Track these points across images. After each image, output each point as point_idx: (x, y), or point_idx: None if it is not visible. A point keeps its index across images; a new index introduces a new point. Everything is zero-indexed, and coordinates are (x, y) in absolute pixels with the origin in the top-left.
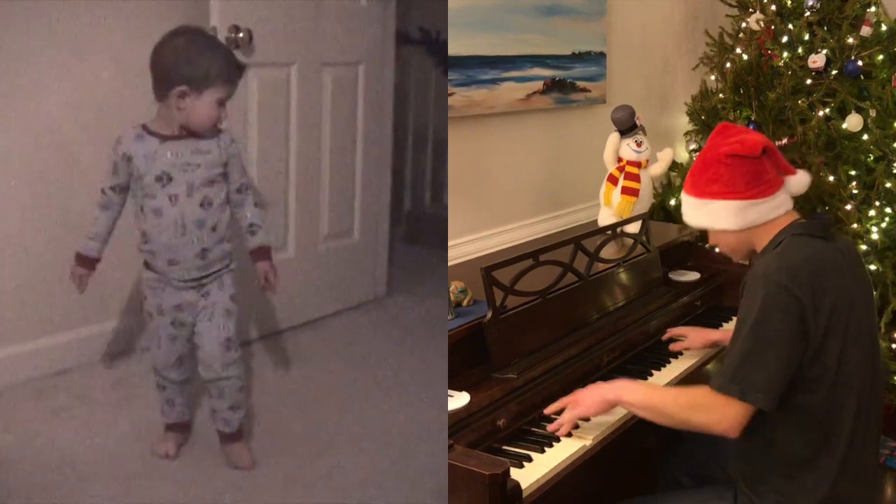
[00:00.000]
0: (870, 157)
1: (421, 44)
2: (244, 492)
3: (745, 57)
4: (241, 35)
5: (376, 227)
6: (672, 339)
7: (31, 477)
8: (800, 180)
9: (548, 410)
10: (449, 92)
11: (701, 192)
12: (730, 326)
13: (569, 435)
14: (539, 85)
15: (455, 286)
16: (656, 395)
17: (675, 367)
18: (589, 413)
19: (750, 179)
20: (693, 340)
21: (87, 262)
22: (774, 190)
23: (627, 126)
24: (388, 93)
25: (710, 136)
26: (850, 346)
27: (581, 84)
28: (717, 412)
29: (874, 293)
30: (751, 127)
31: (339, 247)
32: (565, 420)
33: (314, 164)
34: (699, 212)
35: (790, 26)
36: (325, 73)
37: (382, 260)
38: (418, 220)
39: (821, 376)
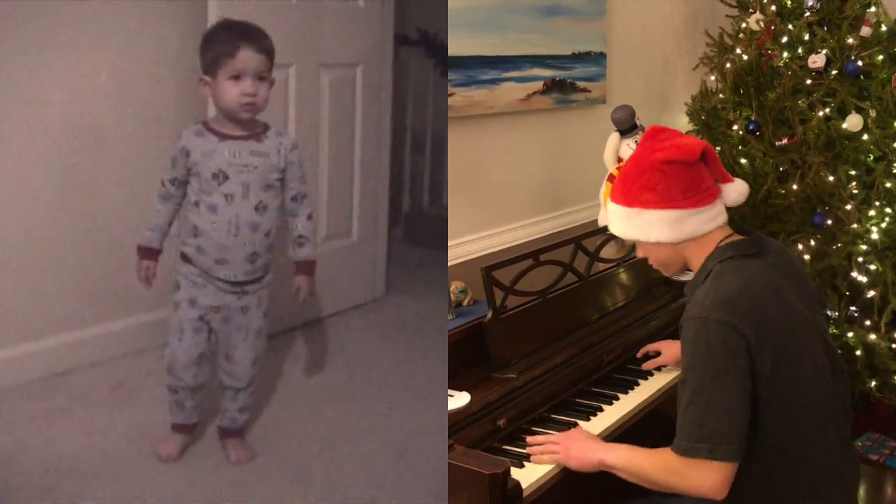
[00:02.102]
0: (870, 157)
1: (419, 45)
2: (244, 492)
3: (745, 57)
4: None
5: (375, 229)
6: (647, 357)
7: (30, 478)
8: (737, 189)
9: (531, 443)
10: (449, 92)
11: (632, 201)
12: None
13: None
14: (539, 85)
15: (455, 286)
16: (636, 458)
17: (675, 368)
18: (569, 466)
19: (687, 188)
20: (667, 357)
21: (149, 254)
22: (712, 199)
23: (627, 126)
24: (386, 94)
25: (641, 140)
26: (803, 364)
27: (581, 84)
28: (693, 476)
29: (818, 296)
30: (750, 128)
31: (337, 248)
32: (544, 460)
33: (312, 166)
34: (629, 222)
35: (790, 26)
36: (323, 74)
37: (381, 261)
38: (417, 220)
39: (776, 407)
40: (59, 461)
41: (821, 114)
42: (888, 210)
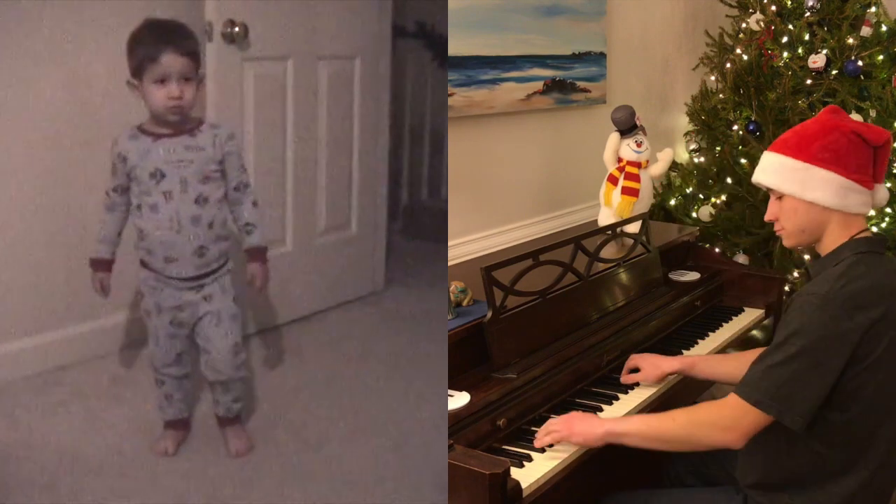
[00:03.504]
0: None
1: (417, 37)
2: (243, 485)
3: (745, 57)
4: (236, 30)
5: (374, 221)
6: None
7: (30, 473)
8: (884, 192)
9: (539, 441)
10: (449, 92)
11: (809, 157)
12: (726, 329)
13: None
14: (539, 85)
15: (455, 286)
16: (652, 421)
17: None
18: (572, 441)
19: (861, 164)
20: (647, 375)
21: (101, 265)
22: (872, 186)
23: (627, 126)
24: (384, 86)
25: (824, 112)
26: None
27: (581, 84)
28: (725, 421)
29: None
30: (750, 128)
31: (336, 241)
32: (549, 440)
33: (311, 159)
34: (792, 174)
35: (790, 26)
36: (321, 67)
37: (380, 254)
38: (415, 213)
39: (859, 396)
40: (59, 456)
41: None
42: (888, 210)
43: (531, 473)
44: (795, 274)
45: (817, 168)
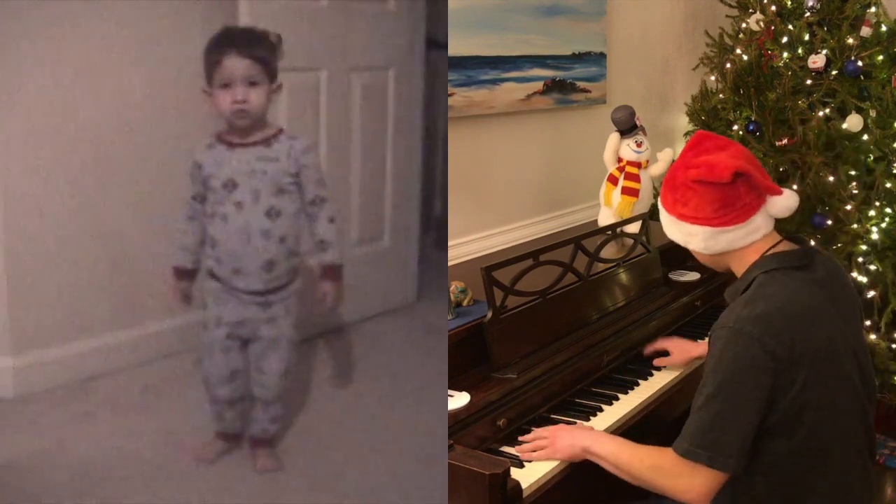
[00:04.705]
0: (870, 157)
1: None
2: (274, 498)
3: (745, 57)
4: None
5: (406, 233)
6: (654, 354)
7: (59, 483)
8: (784, 202)
9: (521, 450)
10: (449, 92)
11: (671, 210)
12: None
13: None
14: (539, 85)
15: (455, 286)
16: (625, 453)
17: (676, 368)
18: (557, 458)
19: (719, 206)
20: (675, 359)
21: (183, 275)
22: (749, 215)
23: (627, 126)
24: (417, 97)
25: (685, 147)
26: (836, 389)
27: (581, 84)
28: (683, 480)
29: (862, 314)
30: (750, 128)
31: (369, 252)
32: (534, 457)
33: (344, 170)
34: (673, 227)
35: (790, 27)
36: (355, 78)
37: (413, 265)
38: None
39: (801, 421)
40: (88, 466)
41: (821, 114)
42: (888, 210)
43: (531, 474)
44: None
45: (681, 222)
